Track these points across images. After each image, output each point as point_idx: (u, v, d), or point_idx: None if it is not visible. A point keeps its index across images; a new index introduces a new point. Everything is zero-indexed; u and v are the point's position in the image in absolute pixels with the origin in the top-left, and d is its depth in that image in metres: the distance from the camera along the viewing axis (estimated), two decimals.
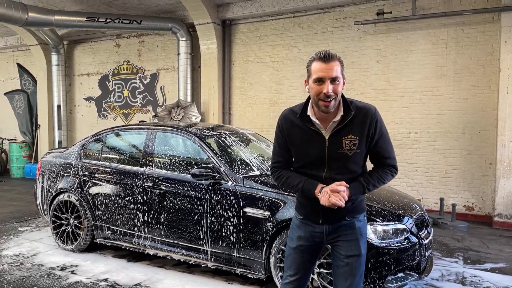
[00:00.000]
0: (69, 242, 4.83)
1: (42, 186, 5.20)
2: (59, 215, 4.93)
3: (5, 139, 11.98)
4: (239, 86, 8.68)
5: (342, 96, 2.11)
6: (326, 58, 1.98)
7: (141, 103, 10.01)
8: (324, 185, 2.10)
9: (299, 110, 2.17)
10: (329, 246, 2.31)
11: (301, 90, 7.91)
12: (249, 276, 3.74)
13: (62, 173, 5.00)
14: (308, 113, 2.13)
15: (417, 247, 3.43)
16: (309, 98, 2.16)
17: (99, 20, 8.42)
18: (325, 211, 2.16)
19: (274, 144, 2.31)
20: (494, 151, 6.34)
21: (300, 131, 2.13)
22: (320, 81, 1.99)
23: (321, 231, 2.21)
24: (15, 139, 11.89)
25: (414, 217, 3.63)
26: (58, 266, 4.36)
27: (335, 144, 2.09)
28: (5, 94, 11.71)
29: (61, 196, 4.93)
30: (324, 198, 2.05)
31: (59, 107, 10.78)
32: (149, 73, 9.83)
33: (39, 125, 11.19)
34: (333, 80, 1.99)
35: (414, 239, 3.44)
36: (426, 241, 3.59)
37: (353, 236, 2.18)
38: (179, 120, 8.26)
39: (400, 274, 3.38)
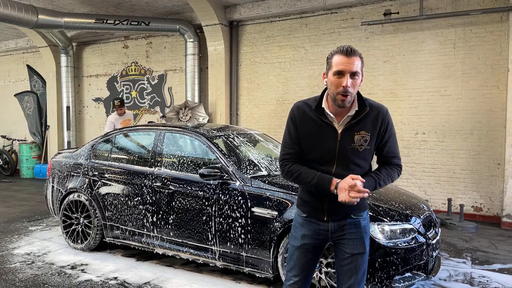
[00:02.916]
0: (79, 241, 4.90)
1: (53, 186, 5.27)
2: (69, 214, 5.00)
3: (15, 139, 12.14)
4: (246, 87, 8.72)
5: (358, 92, 2.10)
6: (349, 52, 1.98)
7: (149, 104, 10.09)
8: (338, 180, 2.05)
9: (313, 102, 2.15)
10: (331, 243, 2.30)
11: (308, 90, 7.93)
12: (257, 275, 3.77)
13: (72, 173, 5.07)
14: (322, 106, 2.12)
15: (424, 247, 3.43)
16: (323, 92, 2.16)
17: (108, 22, 8.51)
18: (330, 208, 2.15)
19: (284, 135, 2.24)
20: (503, 152, 6.31)
21: (313, 123, 2.11)
22: (340, 74, 1.99)
23: (326, 229, 2.20)
24: (25, 140, 12.03)
25: (422, 217, 3.64)
26: (68, 265, 4.43)
27: (347, 139, 2.09)
28: (15, 95, 11.88)
29: (71, 196, 4.99)
30: (343, 194, 1.99)
31: (68, 108, 10.91)
32: (157, 74, 9.91)
33: (49, 125, 11.32)
34: (353, 74, 1.99)
35: (421, 239, 3.45)
36: (434, 241, 3.60)
37: (358, 234, 2.19)
38: (186, 121, 8.31)
39: (407, 274, 3.39)
